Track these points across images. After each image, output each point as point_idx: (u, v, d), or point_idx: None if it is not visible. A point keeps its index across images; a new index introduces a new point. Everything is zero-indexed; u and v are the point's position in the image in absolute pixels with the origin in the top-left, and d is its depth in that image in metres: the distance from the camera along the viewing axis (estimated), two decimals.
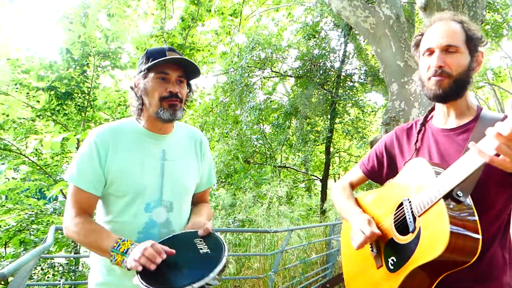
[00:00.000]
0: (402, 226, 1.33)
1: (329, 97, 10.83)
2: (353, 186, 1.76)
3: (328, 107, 10.79)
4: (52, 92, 7.16)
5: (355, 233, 1.42)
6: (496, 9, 11.69)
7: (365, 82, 11.35)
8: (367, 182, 1.85)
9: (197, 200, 1.77)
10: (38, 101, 7.36)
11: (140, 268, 1.22)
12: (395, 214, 1.37)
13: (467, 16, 4.40)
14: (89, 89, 7.66)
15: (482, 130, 1.23)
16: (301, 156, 11.44)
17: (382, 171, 1.65)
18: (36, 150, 8.11)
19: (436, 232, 1.12)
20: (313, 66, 10.82)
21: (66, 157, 8.37)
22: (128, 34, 9.91)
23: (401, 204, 1.34)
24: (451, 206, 1.13)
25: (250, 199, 8.24)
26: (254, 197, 8.28)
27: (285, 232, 5.20)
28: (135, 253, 1.25)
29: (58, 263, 6.17)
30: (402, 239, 1.29)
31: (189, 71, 1.55)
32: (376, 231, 1.35)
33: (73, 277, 5.62)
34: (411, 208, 1.28)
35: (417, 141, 1.47)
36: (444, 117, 1.42)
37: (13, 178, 7.84)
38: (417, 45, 1.46)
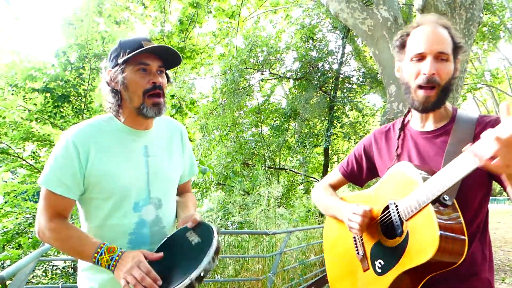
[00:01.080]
0: (388, 229, 1.33)
1: (328, 99, 10.85)
2: (333, 188, 1.77)
3: (327, 109, 10.80)
4: (48, 95, 7.14)
5: (349, 219, 1.40)
6: (493, 11, 11.75)
7: (363, 84, 11.37)
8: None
9: (181, 191, 1.71)
10: (35, 104, 7.34)
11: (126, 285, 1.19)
12: (381, 217, 1.36)
13: (464, 18, 4.43)
14: (85, 92, 7.65)
15: (459, 132, 1.30)
16: (300, 158, 11.45)
17: (361, 174, 1.67)
18: (34, 153, 8.09)
19: (426, 236, 1.14)
20: (311, 68, 10.84)
21: None
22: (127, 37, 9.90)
23: (387, 207, 1.34)
24: (439, 210, 1.15)
25: (248, 201, 8.25)
26: (253, 200, 8.29)
27: (284, 234, 5.20)
28: (125, 269, 1.21)
29: (56, 266, 6.16)
30: (389, 242, 1.30)
31: (168, 60, 1.46)
32: (367, 208, 1.34)
33: (71, 280, 5.60)
34: (397, 212, 1.27)
35: (397, 147, 1.47)
36: (422, 121, 1.43)
37: (5, 181, 7.82)
38: (403, 45, 1.40)
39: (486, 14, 11.36)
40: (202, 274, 1.16)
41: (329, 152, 11.67)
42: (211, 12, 11.72)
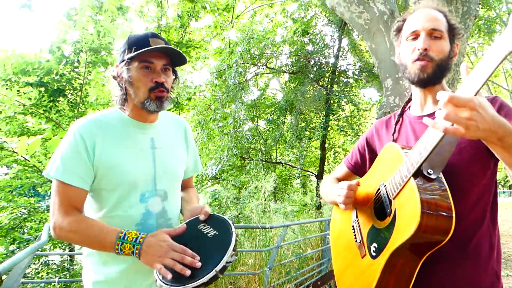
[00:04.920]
0: (381, 211, 1.33)
1: (324, 93, 10.83)
2: (339, 182, 1.78)
3: (323, 103, 10.79)
4: (43, 89, 7.09)
5: (338, 195, 1.46)
6: (489, 4, 11.75)
7: (359, 78, 11.36)
8: None
9: (184, 186, 1.75)
10: (30, 98, 7.29)
11: (169, 276, 1.19)
12: (374, 201, 1.38)
13: (461, 11, 4.42)
14: (81, 86, 7.60)
15: None
16: (296, 152, 11.45)
17: (365, 165, 1.68)
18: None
19: (409, 212, 1.12)
20: (307, 62, 10.81)
21: None
22: (124, 31, 9.84)
23: (378, 189, 1.35)
24: (422, 184, 1.13)
25: (244, 196, 8.25)
26: (248, 194, 8.30)
27: (280, 228, 5.21)
28: (159, 254, 1.23)
29: (52, 261, 6.15)
30: (381, 224, 1.29)
31: (174, 58, 1.48)
32: (352, 182, 1.40)
33: (68, 275, 5.59)
34: (386, 192, 1.28)
35: (394, 131, 1.49)
36: (421, 105, 1.44)
37: (5, 174, 7.79)
38: (399, 30, 1.46)
39: (482, 8, 11.36)
40: (226, 266, 1.19)
41: (326, 146, 11.67)
42: (205, 8, 11.65)
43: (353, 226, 1.49)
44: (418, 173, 1.14)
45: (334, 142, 12.88)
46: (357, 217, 1.48)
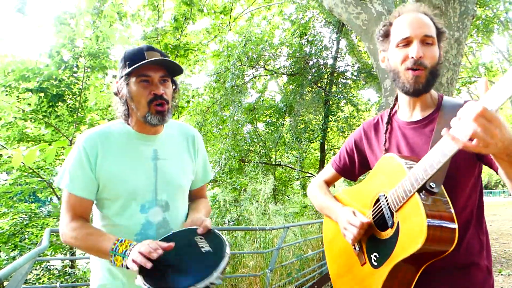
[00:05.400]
0: (381, 221, 1.34)
1: (323, 95, 10.84)
2: (327, 185, 1.77)
3: (322, 105, 10.80)
4: (42, 94, 7.09)
5: (344, 228, 1.42)
6: (487, 4, 11.78)
7: (358, 79, 11.37)
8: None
9: (195, 196, 1.75)
10: (29, 104, 7.30)
11: (135, 268, 1.21)
12: (373, 210, 1.38)
13: (458, 11, 4.43)
14: (80, 91, 7.60)
15: (445, 119, 1.28)
16: (295, 154, 11.45)
17: (354, 168, 1.67)
18: None
19: (414, 226, 1.14)
20: (306, 63, 10.82)
21: (59, 159, 8.33)
22: (121, 35, 9.86)
23: (378, 200, 1.35)
24: (426, 199, 1.15)
25: (244, 198, 8.25)
26: (248, 197, 8.31)
27: (280, 230, 5.21)
28: (133, 254, 1.25)
29: (54, 266, 6.14)
30: (382, 235, 1.31)
31: (172, 68, 1.50)
32: (365, 220, 1.35)
33: (69, 280, 5.58)
34: (387, 204, 1.29)
35: (385, 141, 1.47)
36: (409, 111, 1.43)
37: (4, 180, 7.79)
38: (386, 35, 1.41)
39: (480, 7, 11.39)
40: (209, 286, 1.16)
41: (325, 147, 11.67)
42: (202, 11, 11.67)
43: None
44: (422, 188, 1.15)
45: (333, 143, 12.88)
46: None
